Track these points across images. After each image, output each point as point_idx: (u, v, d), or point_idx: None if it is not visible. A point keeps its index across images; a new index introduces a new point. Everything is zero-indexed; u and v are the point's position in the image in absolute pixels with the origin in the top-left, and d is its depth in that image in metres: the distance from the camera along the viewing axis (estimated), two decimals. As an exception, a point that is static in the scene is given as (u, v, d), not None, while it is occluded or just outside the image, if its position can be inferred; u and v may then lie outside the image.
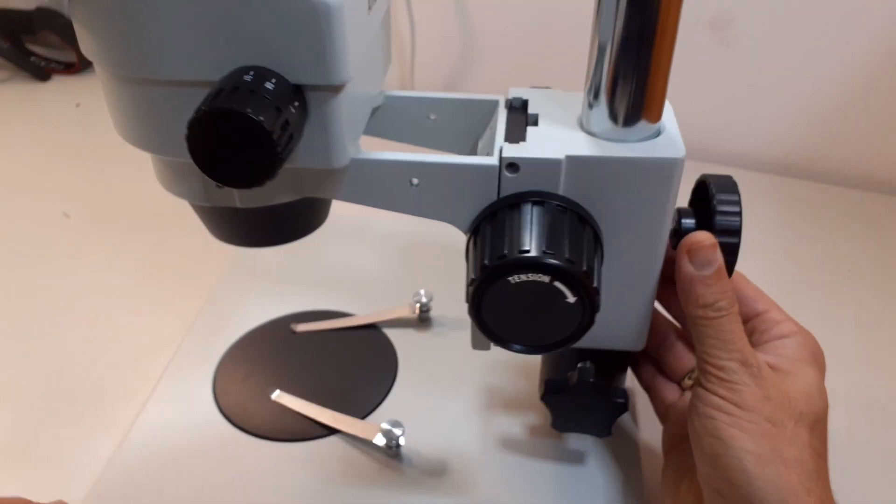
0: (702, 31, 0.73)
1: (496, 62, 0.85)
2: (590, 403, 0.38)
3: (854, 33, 0.68)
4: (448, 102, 0.38)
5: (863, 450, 0.44)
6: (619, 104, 0.32)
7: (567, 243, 0.30)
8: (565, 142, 0.32)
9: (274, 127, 0.26)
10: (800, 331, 0.36)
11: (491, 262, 0.30)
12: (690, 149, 0.33)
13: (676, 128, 0.33)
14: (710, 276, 0.33)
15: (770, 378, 0.32)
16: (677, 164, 0.31)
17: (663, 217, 0.32)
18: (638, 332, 0.37)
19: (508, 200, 0.32)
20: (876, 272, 0.61)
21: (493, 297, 0.31)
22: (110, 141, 0.85)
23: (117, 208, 0.70)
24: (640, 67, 0.30)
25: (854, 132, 0.73)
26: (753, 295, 0.38)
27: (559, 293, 0.30)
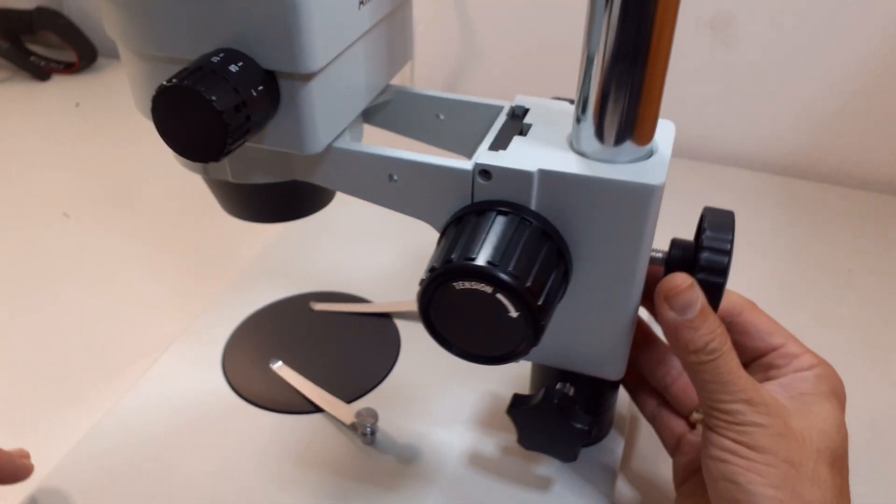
0: (702, 31, 0.73)
1: (496, 62, 0.85)
2: (553, 425, 0.37)
3: (854, 33, 0.68)
4: (456, 104, 0.38)
5: (863, 450, 0.44)
6: (604, 122, 0.31)
7: (517, 257, 0.29)
8: (544, 155, 0.31)
9: (226, 107, 0.27)
10: (819, 363, 0.34)
11: (439, 265, 0.30)
12: (691, 149, 0.32)
13: (669, 151, 0.32)
14: (694, 319, 0.31)
15: (782, 414, 0.31)
16: (653, 192, 0.30)
17: (638, 244, 0.31)
18: (615, 362, 0.36)
19: (478, 207, 0.32)
20: (876, 272, 0.61)
21: (439, 300, 0.30)
22: (110, 141, 0.85)
23: (117, 208, 0.70)
24: (629, 85, 0.29)
25: (854, 132, 0.73)
26: (768, 328, 0.36)
27: (502, 306, 0.29)
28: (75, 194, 0.72)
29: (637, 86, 0.29)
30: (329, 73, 0.31)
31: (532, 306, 0.29)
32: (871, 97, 0.71)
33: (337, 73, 0.32)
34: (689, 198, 0.71)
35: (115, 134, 0.84)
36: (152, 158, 0.79)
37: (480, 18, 0.83)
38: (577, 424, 0.36)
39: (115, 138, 0.83)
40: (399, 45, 0.38)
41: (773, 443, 0.30)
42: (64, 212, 0.69)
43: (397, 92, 0.40)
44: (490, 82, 0.87)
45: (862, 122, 0.72)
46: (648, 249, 0.32)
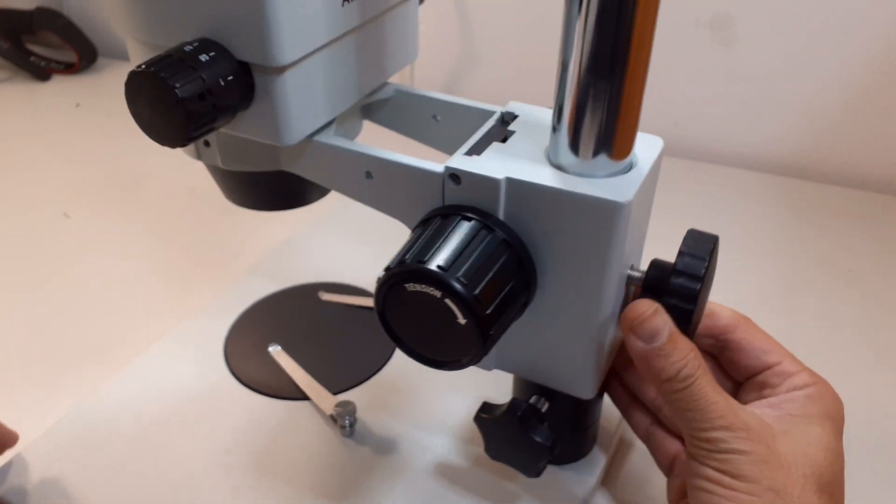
0: (702, 31, 0.73)
1: (496, 65, 0.85)
2: (515, 437, 0.36)
3: (854, 34, 0.68)
4: (452, 106, 0.38)
5: (862, 450, 0.44)
6: (578, 134, 0.30)
7: (470, 264, 0.29)
8: (516, 163, 0.31)
9: (189, 94, 0.28)
10: (813, 383, 0.33)
11: (393, 265, 0.30)
12: (691, 149, 0.32)
13: (648, 168, 0.31)
14: (663, 346, 0.30)
15: (765, 438, 0.30)
16: (619, 210, 0.29)
17: (604, 262, 0.30)
18: (584, 380, 0.35)
19: (445, 210, 0.31)
20: (875, 272, 0.61)
21: (394, 300, 0.30)
22: (110, 141, 0.85)
23: (117, 208, 0.70)
24: (604, 96, 0.28)
25: (854, 133, 0.73)
26: (763, 346, 0.35)
27: (451, 312, 0.29)
28: (75, 194, 0.72)
29: (613, 97, 0.28)
30: (305, 67, 0.31)
31: (479, 314, 0.29)
32: (871, 97, 0.71)
33: (315, 68, 0.32)
34: (689, 198, 0.71)
35: (114, 134, 0.84)
36: (152, 158, 0.79)
37: (481, 21, 0.83)
38: (538, 439, 0.35)
39: (114, 138, 0.83)
40: (399, 45, 0.38)
41: (756, 470, 0.29)
42: (64, 212, 0.69)
43: (396, 91, 0.40)
44: (489, 85, 0.87)
45: (862, 122, 0.72)
46: (619, 267, 0.31)
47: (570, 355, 0.34)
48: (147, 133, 0.30)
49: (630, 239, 0.31)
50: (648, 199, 0.33)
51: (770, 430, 0.30)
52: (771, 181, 0.74)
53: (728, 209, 0.69)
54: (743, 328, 0.35)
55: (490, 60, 0.86)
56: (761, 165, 0.78)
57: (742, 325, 0.35)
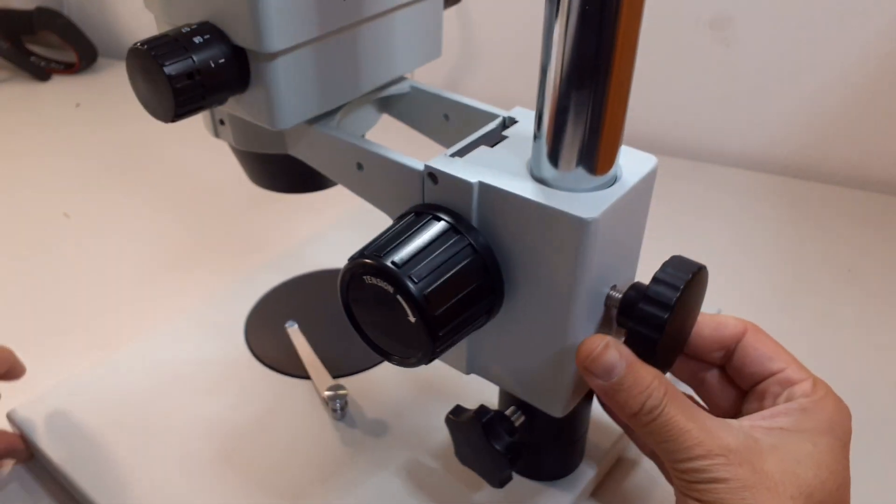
0: (702, 31, 0.73)
1: (496, 63, 0.85)
2: (478, 443, 0.35)
3: (854, 33, 0.68)
4: (462, 107, 0.38)
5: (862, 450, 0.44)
6: (556, 145, 0.29)
7: (426, 263, 0.29)
8: (494, 169, 0.30)
9: (177, 73, 0.29)
10: (813, 392, 0.31)
11: (354, 256, 0.30)
12: (691, 149, 0.32)
13: (631, 185, 0.30)
14: (621, 380, 0.29)
15: (750, 459, 0.28)
16: (584, 226, 0.28)
17: (571, 279, 0.29)
18: (555, 398, 0.33)
19: (420, 208, 0.32)
20: (876, 272, 0.61)
21: (355, 291, 0.31)
22: (110, 141, 0.85)
23: (117, 208, 0.70)
24: (582, 108, 0.27)
25: (854, 132, 0.73)
26: (769, 352, 0.33)
27: (403, 309, 0.29)
28: (75, 194, 0.72)
29: (593, 108, 0.27)
30: (300, 56, 0.32)
31: (428, 315, 0.28)
32: (871, 97, 0.71)
33: (311, 58, 0.33)
34: (689, 198, 0.71)
35: (115, 134, 0.84)
36: (152, 158, 0.79)
37: (481, 21, 0.83)
38: (498, 447, 0.34)
39: (115, 139, 0.83)
40: (415, 42, 0.39)
41: (737, 500, 0.27)
42: (64, 212, 0.69)
43: (412, 87, 0.40)
44: (489, 85, 0.87)
45: (862, 122, 0.72)
46: (590, 286, 0.30)
47: (541, 371, 0.33)
48: (144, 106, 0.32)
49: (605, 257, 0.30)
50: (635, 217, 0.32)
51: (756, 447, 0.29)
52: (771, 181, 0.74)
53: (728, 209, 0.69)
54: (750, 335, 0.34)
55: (490, 60, 0.86)
56: (761, 165, 0.78)
57: (749, 332, 0.34)
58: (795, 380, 0.32)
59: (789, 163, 0.77)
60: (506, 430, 0.35)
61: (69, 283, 0.60)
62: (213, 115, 0.40)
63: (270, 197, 0.70)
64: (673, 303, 0.29)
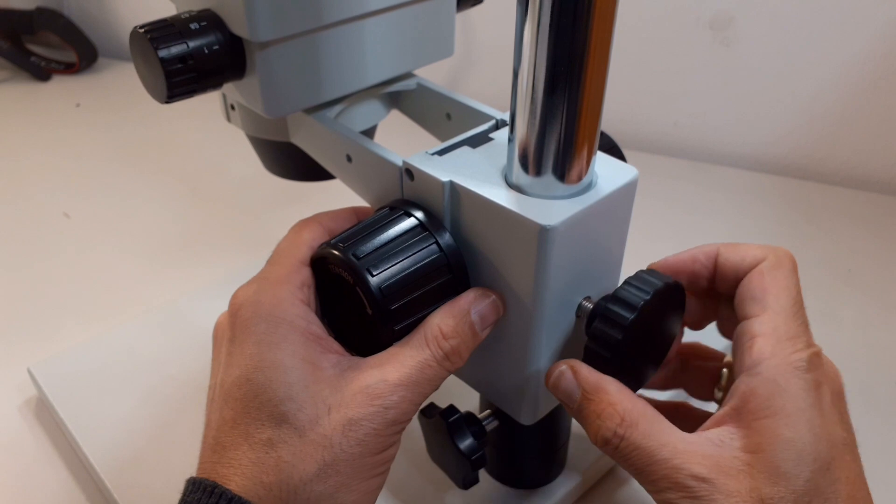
0: (702, 31, 0.73)
1: (495, 61, 0.85)
2: (445, 443, 0.35)
3: (854, 33, 0.68)
4: (462, 107, 0.39)
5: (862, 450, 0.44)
6: (525, 149, 0.28)
7: (388, 257, 0.29)
8: (469, 169, 0.30)
9: (170, 56, 0.31)
10: (757, 365, 0.28)
11: (323, 245, 0.31)
12: (691, 149, 0.32)
13: (604, 194, 0.29)
14: (579, 408, 0.29)
15: (724, 480, 0.26)
16: (544, 234, 0.27)
17: (532, 286, 0.29)
18: (524, 406, 0.33)
19: (397, 203, 0.32)
20: (875, 272, 0.61)
21: (324, 280, 0.31)
22: (110, 141, 0.85)
23: (117, 208, 0.70)
24: (552, 112, 0.27)
25: (854, 132, 0.73)
26: (755, 292, 0.30)
27: (362, 301, 0.29)
28: (75, 194, 0.72)
29: (565, 114, 0.27)
30: (293, 46, 0.33)
31: (384, 308, 0.29)
32: (870, 97, 0.71)
33: (306, 49, 0.34)
34: (688, 198, 0.71)
35: (115, 134, 0.84)
36: (152, 158, 0.79)
37: (481, 20, 0.83)
38: (461, 447, 0.34)
39: (115, 139, 0.83)
40: (424, 39, 0.39)
41: None
42: (64, 212, 0.69)
43: (419, 84, 0.41)
44: (489, 85, 0.87)
45: (862, 122, 0.72)
46: (557, 295, 0.29)
47: (508, 377, 0.33)
48: (144, 86, 0.33)
49: (573, 266, 0.29)
50: (612, 227, 0.31)
51: (732, 462, 0.26)
52: (771, 181, 0.74)
53: (728, 209, 0.69)
54: (767, 264, 0.31)
55: (490, 60, 0.86)
56: (761, 165, 0.78)
57: (765, 263, 0.31)
58: (754, 334, 0.29)
59: (788, 163, 0.77)
60: (473, 432, 0.34)
61: (69, 283, 0.60)
62: (226, 101, 0.41)
63: (272, 198, 0.70)
64: (628, 323, 0.28)
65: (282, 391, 0.27)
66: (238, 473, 0.27)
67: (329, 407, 0.27)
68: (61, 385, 0.46)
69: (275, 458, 0.26)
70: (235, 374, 0.28)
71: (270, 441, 0.27)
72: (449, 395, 0.46)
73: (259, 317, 0.29)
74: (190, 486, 0.27)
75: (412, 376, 0.28)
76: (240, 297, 0.31)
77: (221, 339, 0.31)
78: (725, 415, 0.28)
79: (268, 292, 0.30)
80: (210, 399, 0.30)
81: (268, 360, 0.28)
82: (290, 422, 0.27)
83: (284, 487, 0.26)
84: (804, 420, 0.27)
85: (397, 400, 0.28)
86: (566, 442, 0.40)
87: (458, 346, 0.29)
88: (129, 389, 0.46)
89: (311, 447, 0.27)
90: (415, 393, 0.28)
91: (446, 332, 0.29)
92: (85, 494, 0.42)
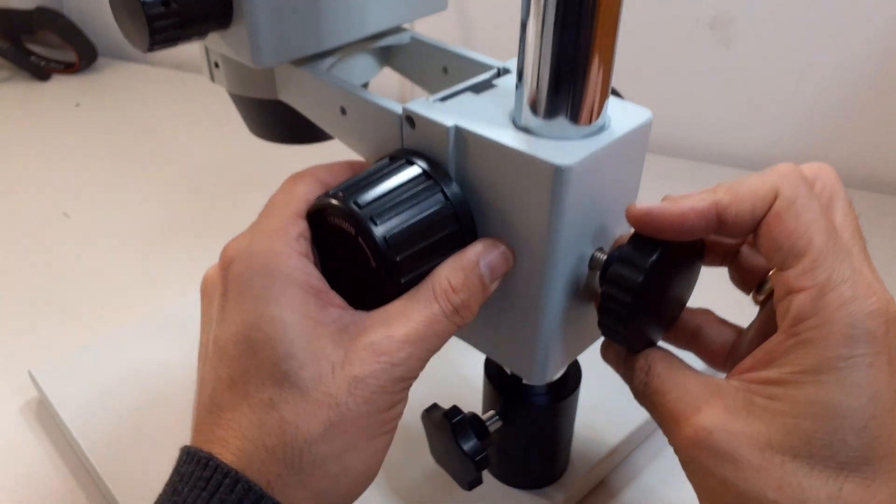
0: (702, 31, 0.73)
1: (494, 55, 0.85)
2: (447, 443, 0.34)
3: (854, 33, 0.68)
4: (460, 59, 0.37)
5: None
6: (537, 90, 0.27)
7: (391, 206, 0.27)
8: (474, 114, 0.29)
9: (152, 1, 0.30)
10: (817, 305, 0.24)
11: (320, 196, 0.29)
12: (691, 149, 0.31)
13: (618, 135, 0.28)
14: None
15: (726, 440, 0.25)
16: (558, 174, 0.26)
17: (546, 233, 0.27)
18: (531, 362, 0.31)
19: (396, 152, 0.30)
20: (876, 272, 0.61)
21: (323, 232, 0.29)
22: (110, 141, 0.85)
23: (117, 208, 0.70)
24: (563, 49, 0.26)
25: (854, 132, 0.73)
26: (785, 233, 0.25)
27: (365, 254, 0.27)
28: (75, 194, 0.72)
29: (575, 50, 0.26)
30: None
31: (389, 259, 0.27)
32: (870, 97, 0.71)
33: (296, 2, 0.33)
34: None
35: (114, 134, 0.84)
36: (153, 158, 0.79)
37: (478, 11, 0.83)
38: (465, 448, 0.33)
39: (115, 138, 0.83)
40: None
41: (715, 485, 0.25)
42: (64, 212, 0.69)
43: (412, 38, 0.39)
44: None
45: (862, 122, 0.72)
46: (570, 242, 0.28)
47: (518, 335, 0.31)
48: (125, 36, 0.33)
49: (587, 213, 0.28)
50: (625, 172, 0.30)
51: (740, 417, 0.25)
52: (771, 181, 0.74)
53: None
54: (783, 201, 0.26)
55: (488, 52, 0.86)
56: (761, 165, 0.77)
57: (780, 199, 0.26)
58: (795, 287, 0.25)
59: (789, 163, 0.77)
60: (477, 432, 0.34)
61: (69, 283, 0.60)
62: (209, 58, 0.39)
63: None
64: (648, 264, 0.26)
65: (282, 349, 0.26)
66: (237, 436, 0.25)
67: (333, 364, 0.26)
68: (62, 387, 0.46)
69: (277, 419, 0.25)
70: (231, 330, 0.27)
71: (271, 401, 0.25)
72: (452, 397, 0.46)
73: (253, 270, 0.27)
74: (184, 456, 0.26)
75: (420, 332, 0.27)
76: (231, 249, 0.29)
77: (213, 294, 0.29)
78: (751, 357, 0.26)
79: (262, 244, 0.28)
80: (202, 356, 0.29)
81: (265, 315, 0.26)
82: (292, 380, 0.25)
83: (288, 450, 0.25)
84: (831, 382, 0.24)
85: (404, 356, 0.26)
86: (569, 442, 0.40)
87: (467, 299, 0.28)
88: (129, 391, 0.46)
89: (316, 407, 0.25)
90: (422, 349, 0.27)
91: (455, 286, 0.28)
92: (85, 495, 0.42)
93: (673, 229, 0.27)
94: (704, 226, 0.27)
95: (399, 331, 0.27)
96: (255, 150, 0.43)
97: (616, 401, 0.44)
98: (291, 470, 0.25)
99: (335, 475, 0.26)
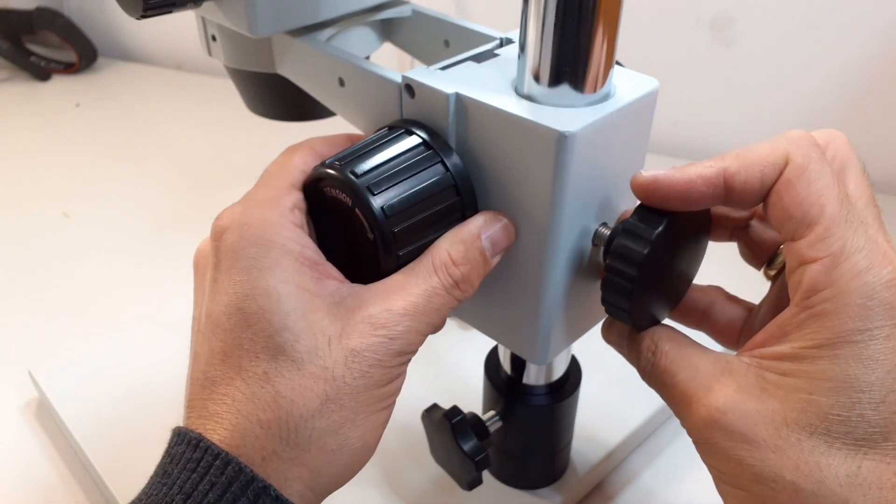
0: (702, 31, 0.73)
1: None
2: (447, 443, 0.34)
3: (854, 33, 0.68)
4: (462, 31, 0.36)
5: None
6: (539, 57, 0.26)
7: (389, 176, 0.26)
8: (475, 83, 0.28)
9: None
10: (831, 275, 0.23)
11: (317, 167, 0.29)
12: (691, 149, 0.31)
13: (624, 103, 0.27)
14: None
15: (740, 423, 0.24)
16: (562, 141, 0.25)
17: (548, 204, 0.26)
18: (531, 342, 0.30)
19: (395, 122, 0.30)
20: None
21: (318, 205, 0.28)
22: (110, 141, 0.85)
23: (117, 208, 0.70)
24: (567, 16, 0.25)
25: (854, 132, 0.73)
26: (796, 203, 0.24)
27: (362, 225, 0.27)
28: (75, 194, 0.72)
29: (579, 17, 0.25)
30: None
31: (386, 231, 0.26)
32: (871, 97, 0.71)
33: None
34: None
35: (114, 134, 0.84)
36: (153, 158, 0.79)
37: (476, 6, 0.83)
38: (465, 448, 0.33)
39: (114, 138, 0.83)
40: None
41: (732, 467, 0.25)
42: (64, 212, 0.69)
43: (414, 11, 0.39)
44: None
45: (862, 122, 0.72)
46: (574, 213, 0.27)
47: (519, 312, 0.30)
48: (117, 2, 0.31)
49: (591, 183, 0.27)
50: (631, 143, 0.29)
51: (753, 399, 0.24)
52: (771, 181, 0.74)
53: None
54: (792, 170, 0.25)
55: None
56: (761, 165, 0.78)
57: (790, 168, 0.25)
58: (807, 258, 0.24)
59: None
60: (477, 432, 0.34)
61: (69, 283, 0.60)
62: (206, 31, 0.38)
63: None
64: (654, 235, 0.25)
65: (276, 321, 0.25)
66: (231, 410, 0.24)
67: (329, 337, 0.25)
68: (62, 387, 0.46)
69: (272, 393, 0.24)
70: (224, 301, 0.26)
71: (266, 375, 0.25)
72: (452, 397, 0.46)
73: (247, 240, 0.26)
74: (175, 437, 0.25)
75: (419, 305, 0.26)
76: (224, 219, 0.28)
77: (205, 266, 0.29)
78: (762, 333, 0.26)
79: (255, 214, 0.27)
80: (195, 330, 0.28)
81: (259, 287, 0.25)
82: (288, 353, 0.25)
83: (283, 425, 0.24)
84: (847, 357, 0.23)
85: (403, 330, 0.26)
86: (569, 443, 0.40)
87: (467, 273, 0.27)
88: (129, 391, 0.46)
89: (312, 380, 0.25)
90: (421, 323, 0.26)
91: (456, 259, 0.27)
92: (85, 495, 0.42)
93: (679, 197, 0.26)
94: (712, 193, 0.26)
95: (398, 304, 0.26)
96: (255, 150, 0.43)
97: (616, 402, 0.44)
98: (287, 446, 0.24)
99: (331, 451, 0.25)
